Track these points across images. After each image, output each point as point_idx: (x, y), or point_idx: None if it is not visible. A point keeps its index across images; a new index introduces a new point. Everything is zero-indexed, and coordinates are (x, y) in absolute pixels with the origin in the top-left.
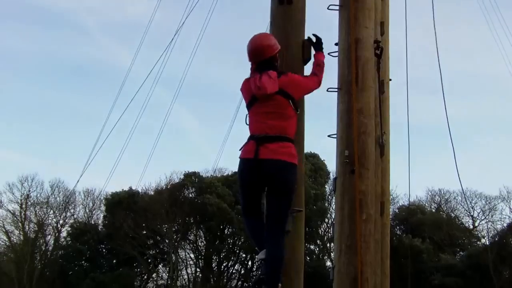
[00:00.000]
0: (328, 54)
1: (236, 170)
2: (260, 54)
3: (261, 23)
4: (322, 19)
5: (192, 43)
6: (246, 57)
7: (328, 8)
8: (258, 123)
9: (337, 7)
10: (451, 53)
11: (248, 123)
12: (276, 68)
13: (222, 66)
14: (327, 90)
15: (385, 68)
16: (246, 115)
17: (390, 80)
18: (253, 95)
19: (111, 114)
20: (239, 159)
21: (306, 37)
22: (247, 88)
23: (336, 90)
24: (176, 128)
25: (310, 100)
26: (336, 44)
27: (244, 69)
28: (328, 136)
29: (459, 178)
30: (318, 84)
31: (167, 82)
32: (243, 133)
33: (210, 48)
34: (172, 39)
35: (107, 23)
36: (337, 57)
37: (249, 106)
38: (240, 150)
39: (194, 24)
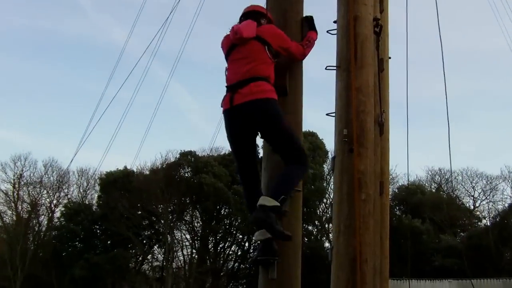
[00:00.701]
0: (327, 32)
1: None
2: (251, 11)
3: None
4: None
5: (190, 18)
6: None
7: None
8: (232, 72)
9: None
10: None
11: (225, 74)
12: (257, 19)
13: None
14: (325, 68)
15: (384, 45)
16: (225, 68)
17: (390, 58)
18: (231, 44)
19: (107, 92)
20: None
21: (304, 15)
22: (225, 40)
23: (335, 68)
24: (172, 106)
25: (309, 78)
26: (334, 22)
27: None
28: (327, 114)
29: (450, 159)
30: (300, 54)
31: (164, 59)
32: None
33: (209, 23)
34: (169, 15)
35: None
36: (335, 35)
37: (227, 57)
38: (221, 106)
39: None
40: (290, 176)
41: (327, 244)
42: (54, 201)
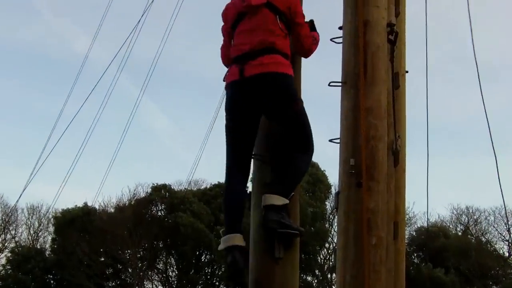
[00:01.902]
0: (331, 40)
1: (216, 182)
2: None
3: None
4: None
5: (164, 23)
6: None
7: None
8: (241, 42)
9: None
10: (483, 34)
11: (231, 46)
12: None
13: (200, 51)
14: (329, 85)
15: (401, 57)
16: (227, 40)
17: (407, 72)
18: (238, 13)
19: (66, 111)
20: (225, 88)
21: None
22: (229, 9)
23: (340, 84)
24: (144, 129)
25: (308, 96)
26: (340, 28)
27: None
28: (330, 140)
29: (501, 191)
30: (308, 43)
31: (135, 71)
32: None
33: (186, 30)
34: (140, 19)
35: (59, 1)
36: (341, 44)
37: (233, 28)
38: (224, 80)
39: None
40: (297, 168)
41: None
42: None
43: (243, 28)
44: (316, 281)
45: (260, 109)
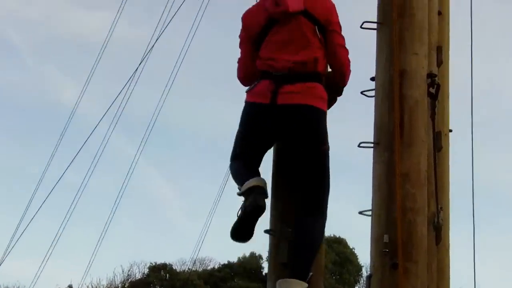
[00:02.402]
0: (361, 93)
1: (225, 262)
2: None
3: None
4: (353, 41)
5: (164, 72)
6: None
7: (361, 27)
8: (274, 58)
9: (375, 25)
10: None
11: (259, 59)
12: None
13: (206, 107)
14: (358, 146)
15: (444, 113)
16: (249, 51)
17: (451, 131)
18: (268, 19)
19: (49, 174)
20: (245, 103)
21: None
22: (255, 13)
23: (372, 145)
24: (140, 197)
25: (335, 159)
26: (372, 79)
27: (235, 107)
28: (360, 213)
29: None
30: (346, 67)
31: (129, 129)
32: (236, 207)
33: (188, 83)
34: (137, 68)
35: (42, 43)
36: (373, 98)
37: (261, 36)
38: (247, 91)
39: (167, 45)
40: (314, 239)
41: None
42: None
43: (277, 38)
44: None
45: (284, 141)
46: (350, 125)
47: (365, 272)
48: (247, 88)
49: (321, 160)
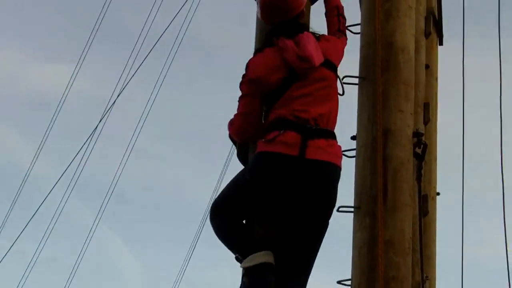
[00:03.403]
0: (342, 153)
1: None
2: (282, 11)
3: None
4: None
5: (125, 131)
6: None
7: (341, 82)
8: (301, 106)
9: (356, 80)
10: None
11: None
12: (306, 28)
13: (167, 167)
14: (337, 210)
15: (431, 175)
16: (259, 106)
17: (438, 194)
18: (289, 73)
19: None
20: (263, 153)
21: None
22: (270, 67)
23: (352, 209)
24: (100, 267)
25: None
26: (353, 138)
27: (201, 170)
28: (338, 282)
29: None
30: (344, 46)
31: (88, 190)
32: (203, 278)
33: (152, 139)
34: (96, 127)
35: None
36: (354, 158)
37: (282, 88)
38: (267, 140)
39: (129, 100)
40: None
41: None
42: None
43: (303, 91)
44: None
45: (299, 199)
46: None
47: None
48: (263, 138)
49: (323, 234)
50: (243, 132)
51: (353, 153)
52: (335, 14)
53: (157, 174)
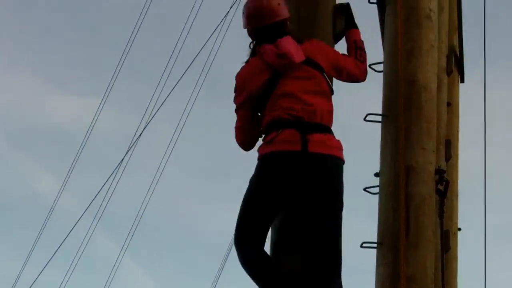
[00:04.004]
0: (365, 190)
1: None
2: (263, 17)
3: None
4: (355, 135)
5: (150, 165)
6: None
7: (365, 119)
8: (289, 104)
9: (379, 118)
10: None
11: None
12: (290, 34)
13: (197, 200)
14: (361, 246)
15: (452, 211)
16: (250, 113)
17: (459, 229)
18: (272, 73)
19: (25, 274)
20: (264, 156)
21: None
22: (253, 71)
23: (375, 245)
24: None
25: None
26: (376, 175)
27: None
28: None
29: None
30: (361, 73)
31: (113, 225)
32: None
33: (177, 173)
34: (121, 160)
35: (17, 131)
36: (377, 195)
37: (268, 90)
38: (266, 142)
39: (155, 134)
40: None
41: None
42: None
43: (289, 89)
44: None
45: (307, 194)
46: (352, 223)
47: None
48: (261, 143)
49: (338, 219)
50: (244, 143)
51: (376, 189)
52: (353, 47)
53: (182, 205)
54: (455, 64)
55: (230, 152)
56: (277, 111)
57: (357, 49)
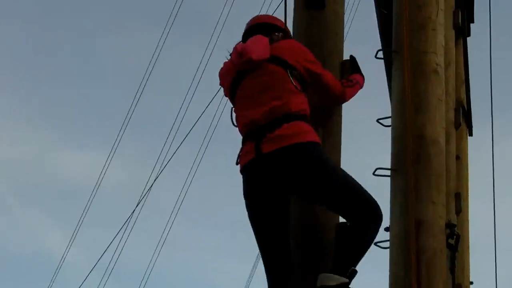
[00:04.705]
0: (375, 244)
1: None
2: (254, 21)
3: None
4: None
5: (160, 219)
6: None
7: (374, 174)
8: (249, 113)
9: (388, 172)
10: None
11: (235, 122)
12: (272, 37)
13: (204, 256)
14: None
15: (464, 265)
16: (231, 109)
17: (471, 283)
18: (238, 72)
19: None
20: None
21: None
22: (227, 66)
23: None
24: None
25: None
26: (386, 230)
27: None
28: None
29: None
30: (339, 91)
31: (122, 280)
32: None
33: (187, 227)
34: (130, 216)
35: (26, 185)
36: (388, 249)
37: (232, 91)
38: (237, 163)
39: (164, 189)
40: (359, 238)
41: None
42: None
43: (246, 92)
44: None
45: (289, 190)
46: (364, 277)
47: None
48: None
49: (342, 189)
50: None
51: (387, 244)
52: (348, 78)
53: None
54: (463, 118)
55: (236, 205)
56: (239, 125)
57: (348, 80)
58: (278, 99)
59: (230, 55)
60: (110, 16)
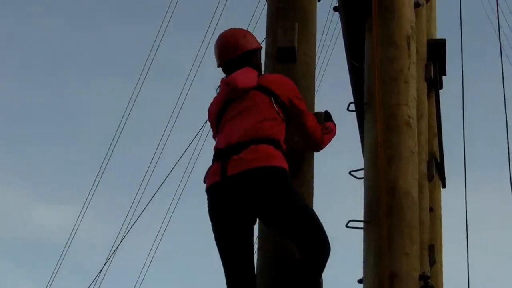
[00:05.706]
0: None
1: None
2: (228, 51)
3: None
4: (337, 242)
5: (132, 273)
6: None
7: (347, 226)
8: (226, 132)
9: (361, 224)
10: None
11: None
12: (257, 68)
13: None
14: None
15: None
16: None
17: None
18: (225, 101)
19: None
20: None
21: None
22: (216, 98)
23: None
24: None
25: None
26: (359, 282)
27: None
28: None
29: None
30: (318, 134)
31: None
32: None
33: (162, 273)
34: (100, 270)
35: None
36: None
37: (218, 119)
38: (204, 181)
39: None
40: (308, 268)
41: None
42: None
43: (228, 116)
44: None
45: (252, 214)
46: None
47: None
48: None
49: (301, 218)
50: None
51: None
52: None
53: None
54: (436, 170)
55: (210, 259)
56: (217, 139)
57: (324, 127)
58: (255, 121)
59: (218, 87)
60: (85, 73)
